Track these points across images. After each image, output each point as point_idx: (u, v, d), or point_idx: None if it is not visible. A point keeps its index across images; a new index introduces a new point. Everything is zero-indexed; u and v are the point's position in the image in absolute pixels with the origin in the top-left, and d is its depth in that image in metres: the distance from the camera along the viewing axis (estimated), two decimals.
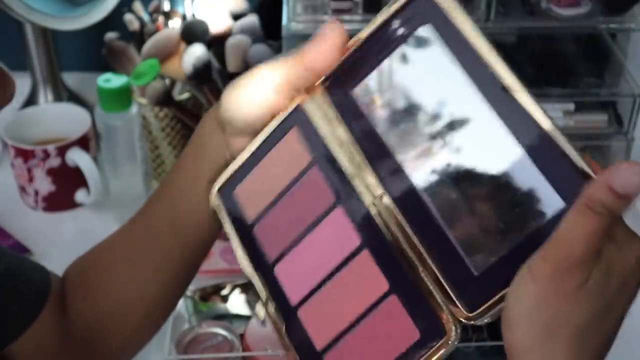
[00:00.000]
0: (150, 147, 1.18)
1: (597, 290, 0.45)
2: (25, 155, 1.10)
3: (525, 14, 1.11)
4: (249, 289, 0.98)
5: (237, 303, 0.97)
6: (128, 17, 1.19)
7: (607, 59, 1.15)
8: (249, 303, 0.97)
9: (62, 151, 1.10)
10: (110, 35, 1.20)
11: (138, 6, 1.21)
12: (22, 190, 1.14)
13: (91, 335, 0.68)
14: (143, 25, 1.19)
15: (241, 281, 0.99)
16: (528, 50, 1.17)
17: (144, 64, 1.10)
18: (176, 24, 1.19)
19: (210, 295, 0.97)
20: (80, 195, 1.14)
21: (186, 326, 0.95)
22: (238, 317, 0.97)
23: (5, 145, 1.12)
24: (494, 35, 0.93)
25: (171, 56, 1.15)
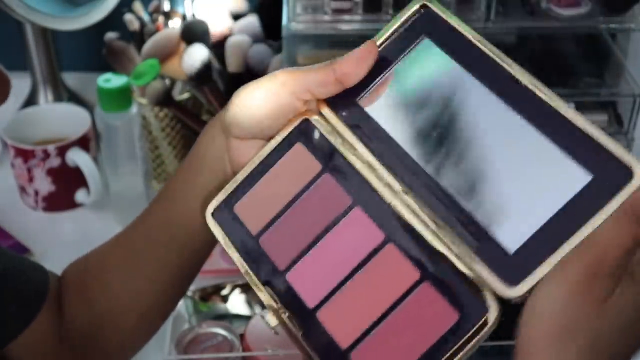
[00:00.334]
0: (150, 147, 1.18)
1: (622, 305, 0.45)
2: (25, 155, 1.10)
3: (525, 14, 1.11)
4: (249, 289, 0.98)
5: (237, 303, 0.97)
6: (128, 17, 1.19)
7: (607, 59, 1.15)
8: (249, 303, 0.97)
9: (62, 151, 1.10)
10: (110, 35, 1.20)
11: (138, 6, 1.21)
12: (22, 190, 1.14)
13: (87, 337, 0.68)
14: (143, 25, 1.19)
15: (241, 281, 0.99)
16: (528, 50, 1.17)
17: (144, 64, 1.10)
18: (176, 24, 1.19)
19: (210, 295, 0.98)
20: (80, 195, 1.14)
21: (186, 326, 0.95)
22: (238, 317, 0.97)
23: (5, 145, 1.12)
24: (494, 35, 0.93)
25: (171, 56, 1.15)
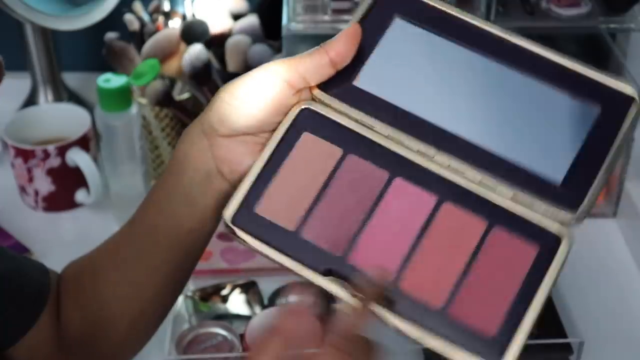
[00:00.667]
0: (150, 147, 1.18)
1: None
2: (25, 155, 1.10)
3: (525, 14, 1.11)
4: (249, 289, 0.98)
5: (237, 303, 0.97)
6: (128, 17, 1.19)
7: (607, 59, 1.15)
8: (249, 303, 0.97)
9: (62, 151, 1.10)
10: (110, 35, 1.19)
11: (138, 6, 1.21)
12: (22, 190, 1.14)
13: (81, 343, 0.68)
14: (143, 25, 1.19)
15: (241, 281, 0.99)
16: None
17: (144, 64, 1.10)
18: (176, 24, 1.19)
19: (210, 295, 0.97)
20: (80, 195, 1.14)
21: (186, 326, 0.95)
22: (238, 317, 0.97)
23: (5, 145, 1.12)
24: None
25: (171, 56, 1.15)
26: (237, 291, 0.97)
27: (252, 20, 1.19)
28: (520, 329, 0.50)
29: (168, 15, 1.20)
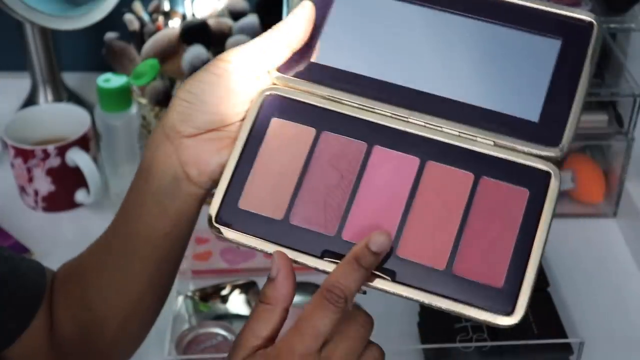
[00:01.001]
0: None
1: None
2: (25, 155, 1.10)
3: None
4: (248, 289, 0.98)
5: (237, 303, 0.97)
6: (128, 17, 1.19)
7: (607, 59, 1.15)
8: (249, 303, 0.97)
9: (62, 151, 1.10)
10: (110, 35, 1.20)
11: (138, 6, 1.21)
12: (22, 190, 1.14)
13: (74, 341, 0.67)
14: (143, 25, 1.19)
15: (241, 281, 0.99)
16: None
17: (144, 64, 1.10)
18: (176, 24, 1.19)
19: (210, 295, 0.97)
20: (80, 195, 1.14)
21: (186, 326, 0.95)
22: (238, 317, 0.97)
23: (5, 145, 1.12)
24: None
25: (171, 56, 1.15)
26: (237, 291, 0.97)
27: (252, 19, 1.19)
28: (526, 274, 0.50)
29: (168, 15, 1.20)
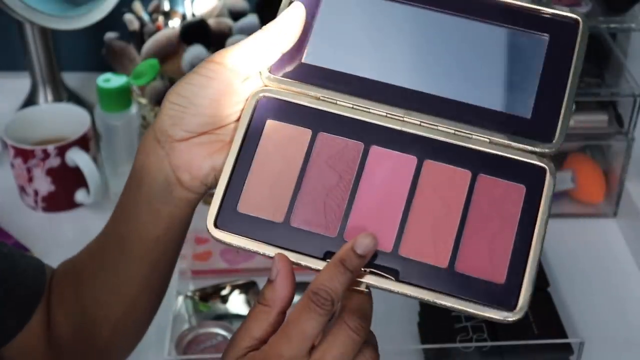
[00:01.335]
0: None
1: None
2: (24, 155, 1.10)
3: None
4: (248, 289, 0.98)
5: (236, 303, 0.97)
6: (128, 17, 1.19)
7: (607, 59, 1.15)
8: (249, 303, 0.97)
9: (61, 151, 1.10)
10: (110, 35, 1.20)
11: (138, 6, 1.21)
12: (22, 190, 1.14)
13: (70, 340, 0.67)
14: (143, 25, 1.19)
15: (241, 281, 0.99)
16: None
17: (144, 64, 1.10)
18: (176, 24, 1.19)
19: (210, 295, 0.97)
20: (80, 195, 1.14)
21: (186, 326, 0.95)
22: (238, 317, 0.97)
23: (5, 145, 1.12)
24: None
25: (171, 56, 1.15)
26: (237, 291, 0.97)
27: (252, 19, 1.19)
28: (527, 269, 0.50)
29: (168, 15, 1.20)
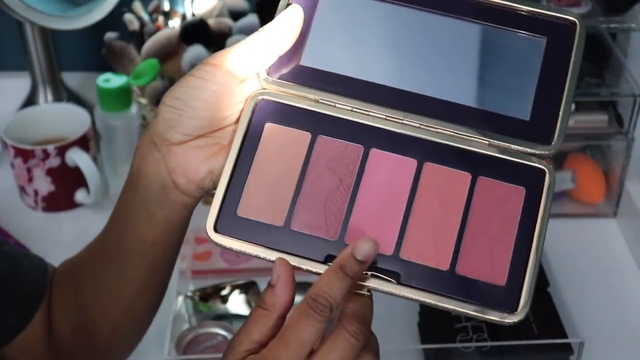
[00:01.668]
0: None
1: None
2: (24, 155, 1.10)
3: None
4: (248, 289, 0.98)
5: (237, 303, 0.97)
6: (128, 17, 1.19)
7: (607, 59, 1.15)
8: (249, 303, 0.97)
9: (61, 151, 1.10)
10: (110, 35, 1.19)
11: (138, 6, 1.21)
12: (22, 190, 1.14)
13: (70, 341, 0.67)
14: (143, 25, 1.19)
15: (241, 281, 0.99)
16: None
17: (144, 64, 1.10)
18: (176, 24, 1.19)
19: (210, 295, 0.97)
20: (80, 195, 1.14)
21: (186, 326, 0.95)
22: (238, 317, 0.97)
23: (5, 145, 1.12)
24: None
25: (171, 56, 1.15)
26: (237, 291, 0.97)
27: (252, 19, 1.19)
28: (527, 271, 0.51)
29: (168, 15, 1.20)
